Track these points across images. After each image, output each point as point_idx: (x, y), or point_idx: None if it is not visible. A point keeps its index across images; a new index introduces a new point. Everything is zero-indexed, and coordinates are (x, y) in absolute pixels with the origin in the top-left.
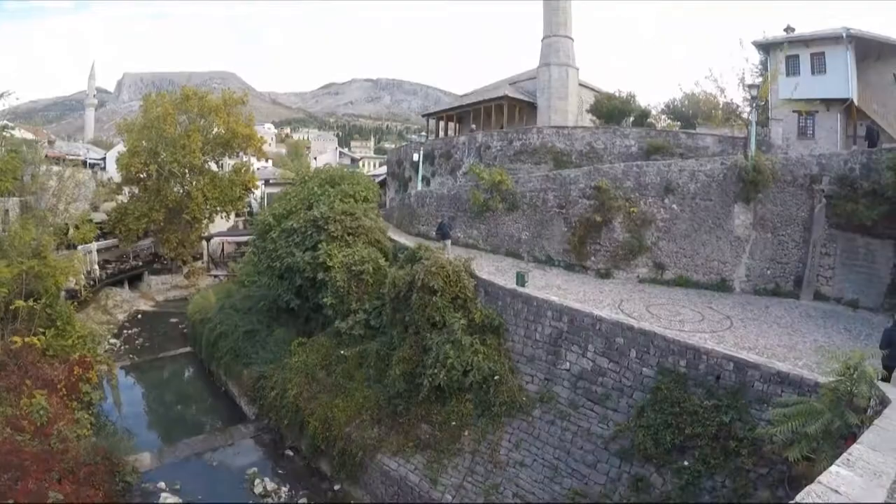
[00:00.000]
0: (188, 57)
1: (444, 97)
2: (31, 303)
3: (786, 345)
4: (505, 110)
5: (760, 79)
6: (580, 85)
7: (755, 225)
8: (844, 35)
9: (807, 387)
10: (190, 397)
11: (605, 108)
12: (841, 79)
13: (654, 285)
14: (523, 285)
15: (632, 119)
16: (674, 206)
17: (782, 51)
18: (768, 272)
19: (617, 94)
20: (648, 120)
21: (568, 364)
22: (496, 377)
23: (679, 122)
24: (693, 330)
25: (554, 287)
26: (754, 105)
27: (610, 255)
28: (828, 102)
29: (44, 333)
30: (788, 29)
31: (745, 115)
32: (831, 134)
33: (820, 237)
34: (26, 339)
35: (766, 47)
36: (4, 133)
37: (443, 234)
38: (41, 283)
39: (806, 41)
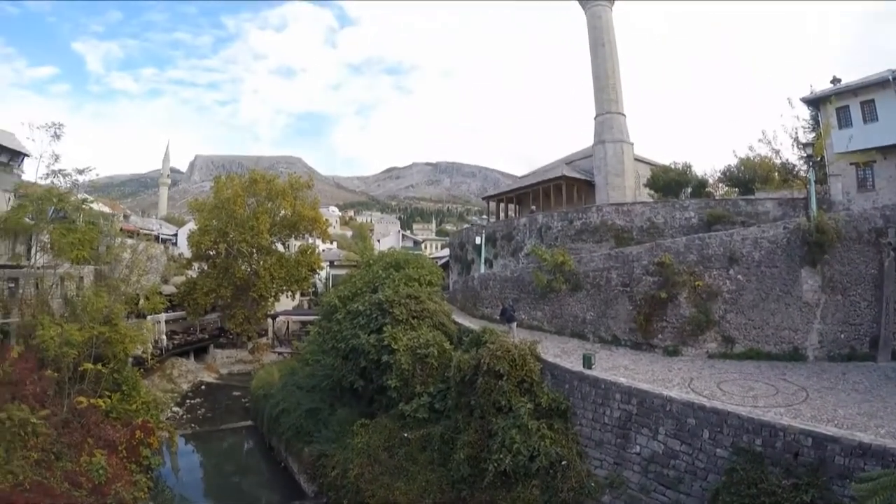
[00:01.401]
0: (256, 141)
1: (502, 178)
2: (99, 366)
3: (866, 412)
4: (563, 190)
5: (813, 135)
6: (636, 160)
7: (824, 288)
8: (891, 78)
9: (891, 457)
10: (248, 470)
11: (662, 182)
12: (894, 123)
13: (724, 360)
14: (590, 367)
15: (689, 190)
16: (739, 276)
17: (831, 104)
18: (842, 336)
19: (672, 166)
20: (706, 189)
21: (638, 447)
22: (563, 462)
23: (737, 189)
24: (767, 405)
25: (621, 368)
26: (811, 163)
27: (677, 331)
28: (884, 150)
29: (109, 396)
30: (835, 80)
31: (802, 175)
32: (892, 182)
33: (892, 293)
34: (92, 401)
35: (814, 102)
36: (84, 206)
37: (507, 317)
38: (110, 348)
39: (854, 90)
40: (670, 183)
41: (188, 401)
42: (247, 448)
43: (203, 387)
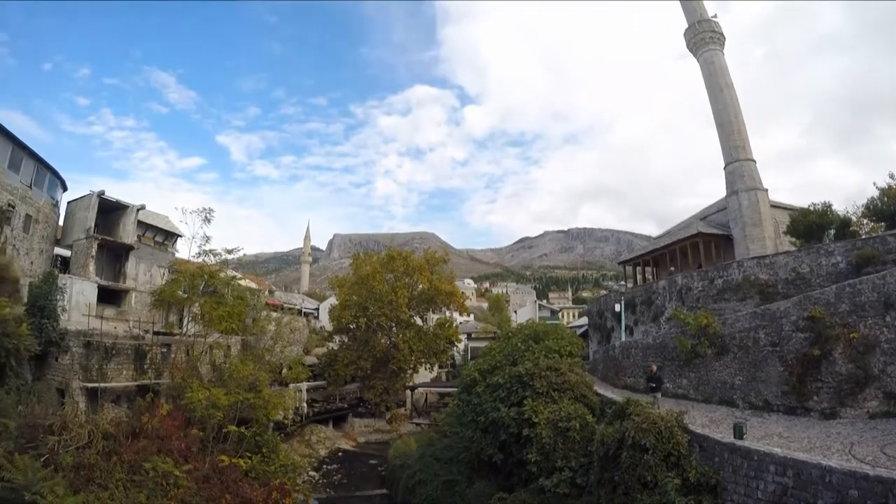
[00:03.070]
0: (390, 219)
1: (636, 240)
2: (242, 429)
3: None
4: (700, 247)
5: None
6: (772, 206)
7: None
8: None
9: None
10: None
11: (802, 226)
12: None
13: (887, 419)
14: (741, 437)
15: (833, 232)
16: None
17: None
18: None
19: (812, 208)
20: (850, 228)
21: None
22: None
23: (883, 224)
24: None
25: (774, 436)
26: None
27: (833, 391)
28: None
29: (250, 457)
30: None
31: None
32: None
33: None
34: (233, 460)
35: None
36: (233, 282)
37: (652, 386)
38: (253, 412)
39: None
40: (811, 227)
41: (325, 466)
42: None
43: (340, 454)
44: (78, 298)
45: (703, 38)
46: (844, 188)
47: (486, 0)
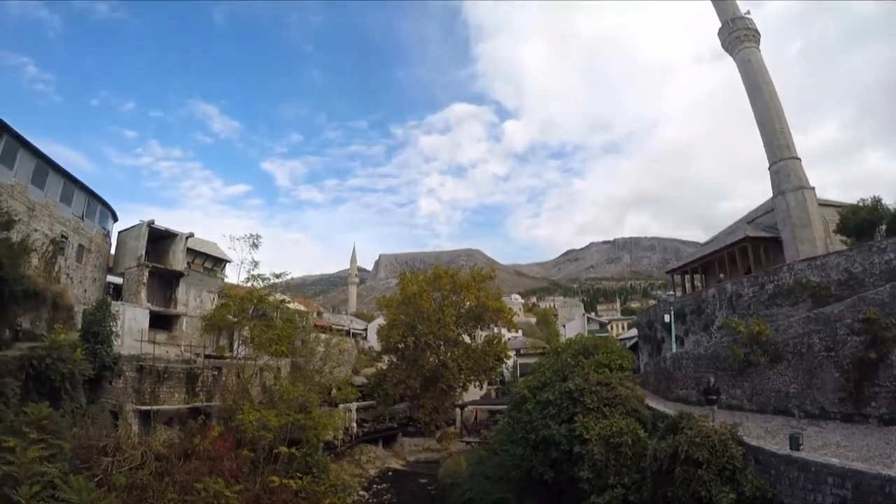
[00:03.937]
0: (435, 237)
1: (683, 247)
2: (293, 450)
3: None
4: (749, 252)
5: None
6: (820, 205)
7: None
8: None
9: None
10: None
11: (853, 224)
12: None
13: None
14: (798, 448)
15: (884, 228)
16: None
17: None
18: None
19: (861, 204)
20: None
21: None
22: None
23: None
24: None
25: (832, 445)
26: None
27: (892, 395)
28: None
29: (300, 478)
30: None
31: None
32: None
33: None
34: (283, 481)
35: None
36: (281, 305)
37: (712, 399)
38: (304, 433)
39: None
40: (861, 223)
41: (374, 486)
42: None
43: (390, 473)
44: (130, 324)
45: (738, 36)
46: (894, 181)
47: (519, 7)
